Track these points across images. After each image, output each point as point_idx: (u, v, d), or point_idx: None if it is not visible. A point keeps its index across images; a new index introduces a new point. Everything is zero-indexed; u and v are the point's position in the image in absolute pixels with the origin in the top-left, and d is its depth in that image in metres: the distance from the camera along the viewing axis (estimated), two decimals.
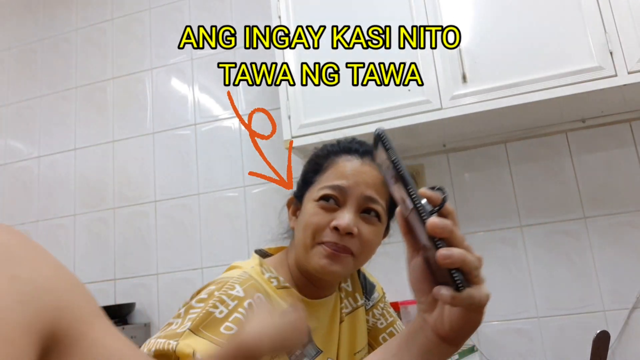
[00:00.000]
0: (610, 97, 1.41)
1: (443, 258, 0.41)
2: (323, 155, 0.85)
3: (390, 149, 0.45)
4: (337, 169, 0.80)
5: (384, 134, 0.45)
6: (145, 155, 2.08)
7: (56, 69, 2.30)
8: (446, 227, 0.42)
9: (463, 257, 0.42)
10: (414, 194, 0.43)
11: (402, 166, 0.44)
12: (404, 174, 0.44)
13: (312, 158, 0.87)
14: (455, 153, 1.72)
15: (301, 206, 0.83)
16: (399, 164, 0.44)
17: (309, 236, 0.77)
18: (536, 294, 1.58)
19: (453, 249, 0.42)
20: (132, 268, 2.00)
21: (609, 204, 1.57)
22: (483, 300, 0.43)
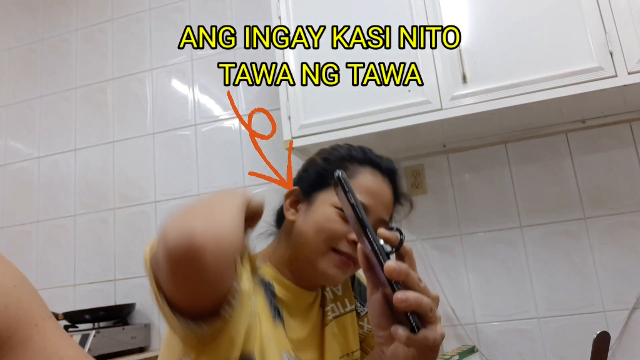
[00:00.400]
0: (610, 98, 1.41)
1: (399, 302, 0.43)
2: (346, 159, 0.84)
3: (349, 192, 0.47)
4: (363, 182, 0.81)
5: (344, 177, 0.47)
6: (145, 156, 2.08)
7: (56, 69, 2.30)
8: (402, 271, 0.44)
9: (419, 301, 0.43)
10: (371, 237, 0.45)
11: (361, 209, 0.46)
12: (362, 217, 0.46)
13: (333, 158, 0.85)
14: (455, 153, 1.72)
15: (309, 203, 0.83)
16: (358, 207, 0.46)
17: (323, 240, 0.78)
18: (536, 294, 1.58)
19: (409, 293, 0.43)
20: (132, 268, 2.00)
21: (609, 205, 1.56)
22: (437, 340, 0.45)
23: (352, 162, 0.83)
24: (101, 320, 1.85)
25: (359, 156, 0.84)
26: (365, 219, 0.46)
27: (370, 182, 0.81)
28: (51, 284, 2.08)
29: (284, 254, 0.84)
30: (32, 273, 2.12)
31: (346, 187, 0.47)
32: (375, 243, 0.45)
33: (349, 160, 0.84)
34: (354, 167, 0.82)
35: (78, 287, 2.05)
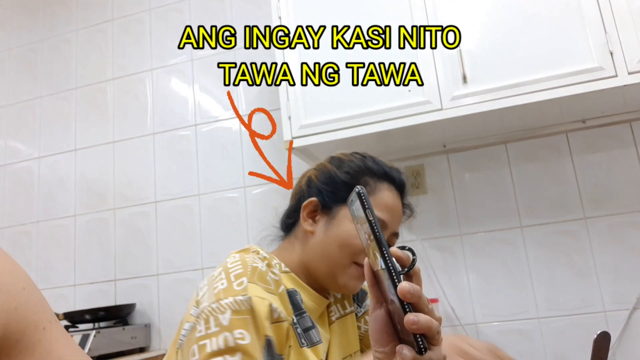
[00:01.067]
0: (610, 98, 1.41)
1: (411, 323, 0.44)
2: (365, 172, 0.85)
3: (368, 209, 0.47)
4: (382, 198, 0.83)
5: (364, 193, 0.48)
6: (145, 156, 2.08)
7: (56, 69, 2.30)
8: (415, 293, 0.45)
9: (429, 324, 0.44)
10: (387, 257, 0.46)
11: (378, 227, 0.47)
12: (380, 236, 0.46)
13: (353, 172, 0.85)
14: (456, 153, 1.72)
15: (330, 217, 0.84)
16: (376, 225, 0.46)
17: (347, 255, 0.80)
18: (536, 295, 1.58)
19: (420, 316, 0.44)
20: (132, 269, 2.00)
21: (610, 205, 1.56)
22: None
23: (371, 176, 0.85)
24: (101, 320, 1.85)
25: (375, 169, 0.86)
26: (382, 237, 0.46)
27: (388, 198, 0.83)
28: (51, 284, 2.09)
29: (299, 262, 0.85)
30: (32, 273, 2.12)
31: (366, 204, 0.47)
32: (390, 262, 0.46)
33: (368, 174, 0.85)
34: (374, 182, 0.84)
35: (78, 287, 2.05)
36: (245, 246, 0.85)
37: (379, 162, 0.88)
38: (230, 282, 0.70)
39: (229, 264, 0.75)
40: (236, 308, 0.66)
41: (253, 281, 0.70)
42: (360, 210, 0.48)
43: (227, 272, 0.72)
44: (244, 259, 0.75)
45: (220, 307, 0.67)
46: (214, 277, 0.73)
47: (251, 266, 0.73)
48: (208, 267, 1.91)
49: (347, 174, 0.85)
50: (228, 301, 0.67)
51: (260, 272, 0.73)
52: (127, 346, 1.79)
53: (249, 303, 0.66)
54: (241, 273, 0.71)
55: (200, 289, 0.74)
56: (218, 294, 0.68)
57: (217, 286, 0.70)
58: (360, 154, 0.89)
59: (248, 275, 0.71)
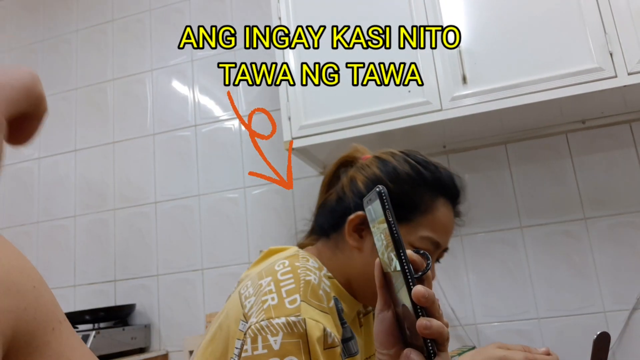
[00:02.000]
0: (610, 98, 1.41)
1: (423, 328, 0.43)
2: (418, 183, 0.76)
3: (389, 209, 0.46)
4: (438, 218, 0.76)
5: (386, 194, 0.47)
6: (145, 157, 2.08)
7: (56, 70, 2.30)
8: (430, 298, 0.44)
9: (440, 330, 0.44)
10: (405, 260, 0.45)
11: (398, 229, 0.46)
12: (398, 238, 0.46)
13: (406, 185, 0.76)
14: (456, 154, 1.72)
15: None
16: (395, 227, 0.46)
17: None
18: (536, 295, 1.58)
19: (433, 321, 0.43)
20: (132, 269, 2.00)
21: (610, 205, 1.56)
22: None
23: (426, 189, 0.76)
24: (101, 321, 1.84)
25: (431, 180, 0.77)
26: (401, 239, 0.46)
27: (444, 217, 0.76)
28: (51, 284, 2.08)
29: (340, 271, 0.79)
30: None
31: (387, 205, 0.46)
32: (407, 265, 0.45)
33: (423, 187, 0.76)
34: (429, 199, 0.76)
35: (78, 288, 2.05)
36: (289, 247, 0.80)
37: (433, 170, 0.78)
38: (282, 299, 0.65)
39: (279, 275, 0.68)
40: (288, 331, 0.62)
41: (306, 300, 0.65)
42: (379, 210, 0.47)
43: (278, 285, 0.67)
44: (295, 269, 0.69)
45: (270, 327, 0.62)
46: (262, 288, 0.67)
47: (304, 280, 0.67)
48: (208, 267, 1.91)
49: (397, 186, 0.75)
50: (280, 322, 0.62)
51: (312, 288, 0.67)
52: (127, 347, 1.79)
53: (302, 326, 0.62)
54: (293, 289, 0.66)
55: (245, 296, 0.69)
56: (268, 311, 0.64)
57: (266, 300, 0.65)
58: (412, 156, 0.79)
59: (301, 293, 0.66)
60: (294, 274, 0.68)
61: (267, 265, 0.72)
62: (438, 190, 0.77)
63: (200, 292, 1.90)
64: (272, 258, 0.77)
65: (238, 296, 0.70)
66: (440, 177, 0.78)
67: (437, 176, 0.78)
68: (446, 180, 0.78)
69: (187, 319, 1.90)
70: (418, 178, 0.76)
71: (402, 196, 0.75)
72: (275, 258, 0.75)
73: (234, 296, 0.72)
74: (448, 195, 0.78)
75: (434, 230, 0.75)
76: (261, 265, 0.76)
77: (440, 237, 0.76)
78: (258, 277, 0.70)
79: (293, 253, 0.75)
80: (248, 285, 0.71)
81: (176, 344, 1.89)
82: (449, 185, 0.78)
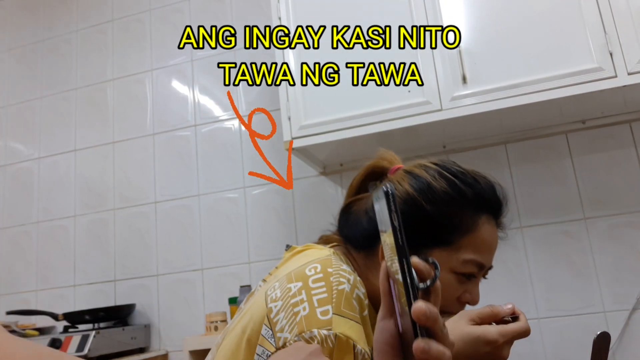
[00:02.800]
0: (610, 98, 1.41)
1: (420, 352, 0.39)
2: (461, 204, 0.70)
3: (396, 212, 0.42)
4: (481, 237, 0.70)
5: (393, 194, 0.42)
6: (145, 157, 2.08)
7: (56, 70, 2.30)
8: (431, 317, 0.39)
9: (440, 356, 0.39)
10: (407, 270, 0.41)
11: (403, 235, 0.41)
12: (404, 245, 0.41)
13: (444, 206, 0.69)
14: (455, 154, 1.72)
15: None
16: (401, 232, 0.41)
17: None
18: (536, 295, 1.58)
19: (432, 345, 0.39)
20: (132, 269, 2.00)
21: (609, 205, 1.56)
22: None
23: (466, 208, 0.70)
24: (101, 320, 1.85)
25: (471, 196, 0.70)
26: (405, 246, 0.41)
27: (487, 235, 0.71)
28: (51, 284, 2.08)
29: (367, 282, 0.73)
30: (32, 273, 2.12)
31: (392, 207, 0.42)
32: (409, 276, 0.40)
33: (463, 205, 0.70)
34: (471, 218, 0.70)
35: (78, 288, 2.05)
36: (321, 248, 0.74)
37: (472, 183, 0.71)
38: (314, 309, 0.61)
39: (310, 282, 0.63)
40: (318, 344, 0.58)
41: (339, 312, 0.61)
42: (385, 212, 0.43)
43: (310, 294, 0.62)
44: (328, 276, 0.64)
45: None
46: (292, 294, 0.63)
47: (336, 290, 0.63)
48: (208, 267, 1.91)
49: (434, 206, 0.69)
50: (312, 334, 0.59)
51: (346, 297, 0.62)
52: (127, 347, 1.79)
53: (332, 341, 0.58)
54: (325, 299, 0.61)
55: (271, 299, 0.65)
56: (301, 325, 0.60)
57: (298, 311, 0.61)
58: (447, 168, 0.73)
59: (333, 304, 0.61)
60: (327, 281, 0.63)
61: (298, 267, 0.67)
62: (480, 206, 0.71)
63: (200, 292, 1.90)
64: (302, 258, 0.71)
65: (264, 297, 0.66)
66: (481, 190, 0.72)
67: (478, 190, 0.71)
68: (488, 193, 0.72)
69: (187, 319, 1.90)
70: (457, 195, 0.70)
71: (440, 217, 0.69)
72: (305, 259, 0.69)
73: (259, 297, 0.68)
74: (491, 210, 0.72)
75: (477, 251, 0.70)
76: (290, 265, 0.71)
77: (484, 258, 0.71)
78: (287, 280, 0.65)
79: (325, 256, 0.69)
80: (275, 287, 0.66)
81: (176, 344, 1.89)
82: (491, 199, 0.72)
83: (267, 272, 0.81)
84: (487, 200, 0.72)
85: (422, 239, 0.69)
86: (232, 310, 1.69)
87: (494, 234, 0.73)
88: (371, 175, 0.81)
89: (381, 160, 0.80)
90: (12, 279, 2.15)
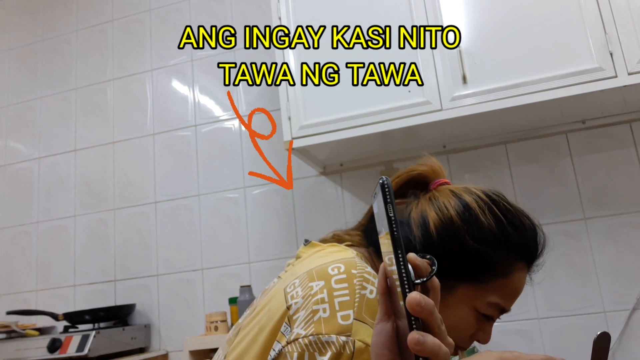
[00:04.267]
0: (610, 98, 1.41)
1: (414, 343, 0.37)
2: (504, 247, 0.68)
3: (390, 203, 0.41)
4: (512, 284, 0.69)
5: (389, 186, 0.42)
6: (145, 157, 2.08)
7: (56, 70, 2.30)
8: (426, 307, 0.38)
9: (435, 349, 0.38)
10: (402, 262, 0.40)
11: (399, 228, 0.41)
12: (398, 236, 0.40)
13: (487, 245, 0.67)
14: (456, 154, 1.72)
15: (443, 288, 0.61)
16: (396, 223, 0.41)
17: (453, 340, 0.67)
18: (536, 295, 1.58)
19: (427, 337, 0.38)
20: (132, 269, 2.00)
21: (610, 205, 1.56)
22: None
23: (508, 251, 0.68)
24: (101, 320, 1.85)
25: (516, 241, 0.68)
26: (400, 239, 0.40)
27: (520, 283, 0.70)
28: (51, 284, 2.08)
29: None
30: (32, 273, 2.12)
31: (388, 198, 0.41)
32: (405, 269, 0.39)
33: (505, 248, 0.67)
34: (508, 263, 0.68)
35: (78, 288, 2.05)
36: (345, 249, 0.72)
37: (519, 226, 0.69)
38: (334, 312, 0.59)
39: (333, 282, 0.61)
40: (337, 351, 0.56)
41: (360, 318, 0.59)
42: (382, 204, 0.42)
43: (331, 295, 0.60)
44: (352, 278, 0.61)
45: (319, 344, 0.57)
46: (314, 293, 0.61)
47: (359, 294, 0.60)
48: (208, 267, 1.91)
49: (476, 242, 0.66)
50: (330, 340, 0.57)
51: (368, 302, 0.60)
52: (127, 346, 1.79)
53: (350, 348, 0.56)
54: (348, 302, 0.59)
55: (291, 296, 0.63)
56: (319, 326, 0.58)
57: (317, 310, 0.59)
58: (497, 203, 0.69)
59: (355, 309, 0.59)
60: (350, 283, 0.61)
61: (320, 265, 0.65)
62: (520, 253, 0.69)
63: (200, 292, 1.90)
64: (323, 257, 0.68)
65: (282, 294, 0.64)
66: (526, 237, 0.69)
67: (523, 237, 0.69)
68: (530, 241, 0.70)
69: (187, 318, 1.90)
70: (502, 238, 0.67)
71: (479, 255, 0.66)
72: (327, 258, 0.67)
73: (276, 294, 0.66)
74: (529, 258, 0.70)
75: (504, 296, 0.69)
76: (310, 263, 0.68)
77: (508, 304, 0.70)
78: (308, 278, 0.63)
79: (350, 257, 0.66)
80: (296, 284, 0.64)
81: (176, 344, 1.89)
82: (532, 247, 0.70)
83: (267, 272, 0.80)
84: (529, 247, 0.70)
85: (453, 271, 0.67)
86: (232, 310, 1.69)
87: (524, 281, 0.71)
88: (411, 182, 0.77)
89: (424, 167, 0.76)
90: (12, 279, 2.15)
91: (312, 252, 0.74)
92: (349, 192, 1.81)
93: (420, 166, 0.76)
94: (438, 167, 0.77)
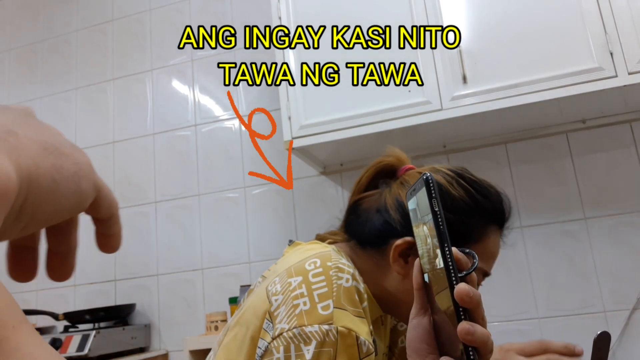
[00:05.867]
0: (610, 98, 1.41)
1: (465, 333, 0.38)
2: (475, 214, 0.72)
3: (435, 198, 0.42)
4: (488, 247, 0.73)
5: (434, 181, 0.43)
6: (145, 156, 2.08)
7: (56, 69, 2.30)
8: (475, 298, 0.39)
9: (485, 338, 0.39)
10: (449, 256, 0.41)
11: (444, 222, 0.42)
12: (444, 230, 0.41)
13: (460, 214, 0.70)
14: (456, 154, 1.72)
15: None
16: (442, 217, 0.41)
17: None
18: (536, 295, 1.58)
19: (477, 327, 0.39)
20: (132, 269, 2.00)
21: (610, 205, 1.56)
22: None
23: (479, 217, 0.72)
24: (101, 320, 1.85)
25: (487, 207, 0.72)
26: (447, 233, 0.41)
27: (494, 245, 0.74)
28: (51, 284, 2.08)
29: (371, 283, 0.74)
30: None
31: (433, 193, 0.42)
32: (452, 262, 0.40)
33: (477, 214, 0.72)
34: (482, 228, 0.72)
35: (78, 288, 2.05)
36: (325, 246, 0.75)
37: (486, 194, 0.73)
38: (314, 304, 0.61)
39: (310, 276, 0.64)
40: (321, 339, 0.59)
41: (340, 305, 0.62)
42: (424, 200, 0.43)
43: (310, 289, 0.63)
44: (327, 270, 0.64)
45: (303, 336, 0.59)
46: (293, 289, 0.63)
47: (336, 284, 0.63)
48: (208, 267, 1.91)
49: (451, 214, 0.69)
50: (313, 330, 0.59)
51: (346, 290, 0.63)
52: (127, 346, 1.79)
53: (334, 335, 0.59)
54: (326, 293, 0.62)
55: (272, 293, 0.65)
56: (301, 317, 0.60)
57: (298, 304, 0.61)
58: (463, 176, 0.75)
59: (334, 298, 0.62)
60: (326, 276, 0.64)
61: (297, 262, 0.68)
62: (491, 217, 0.73)
63: (200, 292, 1.90)
64: (301, 253, 0.71)
65: (265, 292, 0.66)
66: (494, 202, 0.74)
67: (491, 202, 0.73)
68: (499, 204, 0.74)
69: (187, 318, 1.90)
70: (474, 205, 0.71)
71: (456, 224, 0.69)
72: (305, 254, 0.69)
73: (259, 293, 0.68)
74: (499, 221, 0.74)
75: (484, 259, 0.72)
76: (289, 260, 0.71)
77: (487, 266, 0.74)
78: (287, 275, 0.66)
79: (325, 250, 0.69)
80: (276, 282, 0.67)
81: (176, 344, 1.89)
82: (501, 210, 0.74)
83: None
84: (498, 211, 0.74)
85: None
86: (232, 310, 1.70)
87: (498, 244, 0.75)
88: (380, 173, 0.81)
89: (390, 157, 0.80)
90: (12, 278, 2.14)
91: (292, 251, 0.77)
92: (349, 192, 1.81)
93: (386, 157, 0.80)
94: (402, 155, 0.80)
